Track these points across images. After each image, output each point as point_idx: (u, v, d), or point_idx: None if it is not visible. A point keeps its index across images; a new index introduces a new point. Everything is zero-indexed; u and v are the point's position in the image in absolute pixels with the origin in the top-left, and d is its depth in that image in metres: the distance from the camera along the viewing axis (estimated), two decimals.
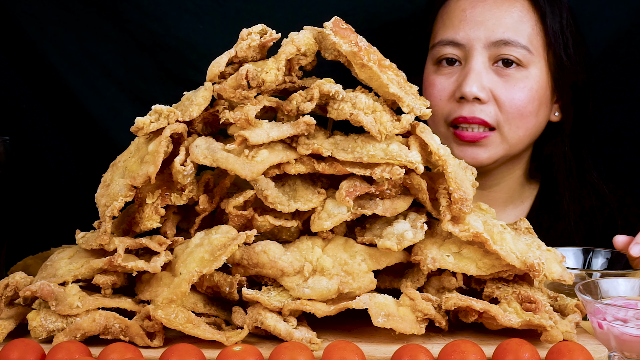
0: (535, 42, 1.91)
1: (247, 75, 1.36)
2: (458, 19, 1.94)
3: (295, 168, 1.36)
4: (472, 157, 1.94)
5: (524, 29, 1.91)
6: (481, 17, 1.91)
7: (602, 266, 1.66)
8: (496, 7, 1.92)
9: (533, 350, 1.25)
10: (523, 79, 1.91)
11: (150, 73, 2.10)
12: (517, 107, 1.91)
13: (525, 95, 1.91)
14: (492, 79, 1.90)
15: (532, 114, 1.93)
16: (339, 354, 1.23)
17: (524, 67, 1.91)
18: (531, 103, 1.92)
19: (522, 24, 1.91)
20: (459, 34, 1.92)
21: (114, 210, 1.33)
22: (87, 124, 2.11)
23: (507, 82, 1.90)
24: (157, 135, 1.36)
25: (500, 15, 1.91)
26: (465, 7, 1.94)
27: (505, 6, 1.92)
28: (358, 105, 1.36)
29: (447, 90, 1.94)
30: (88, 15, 2.07)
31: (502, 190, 2.06)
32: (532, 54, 1.90)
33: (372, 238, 1.37)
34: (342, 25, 1.38)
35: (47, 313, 1.31)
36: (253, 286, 1.37)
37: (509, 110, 1.90)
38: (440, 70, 1.95)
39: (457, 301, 1.33)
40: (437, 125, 1.97)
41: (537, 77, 1.92)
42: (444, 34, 1.95)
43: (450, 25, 1.95)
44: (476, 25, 1.91)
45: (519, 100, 1.91)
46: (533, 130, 1.96)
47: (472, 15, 1.92)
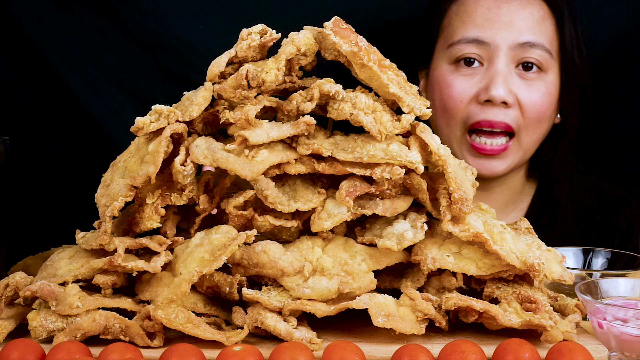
0: (554, 46, 1.91)
1: (247, 75, 1.36)
2: (482, 18, 1.90)
3: (295, 168, 1.36)
4: (489, 169, 1.92)
5: (546, 32, 1.90)
6: (508, 18, 1.89)
7: (602, 266, 1.66)
8: (522, 9, 1.90)
9: (533, 350, 1.25)
10: (542, 82, 1.90)
11: (150, 73, 2.10)
12: (537, 111, 1.90)
13: (545, 100, 1.90)
14: (515, 81, 1.89)
15: (549, 118, 1.94)
16: (339, 354, 1.23)
17: (543, 71, 1.90)
18: (549, 108, 1.92)
19: (544, 27, 1.90)
20: (485, 32, 1.89)
21: (114, 210, 1.33)
22: (87, 124, 2.11)
23: (530, 86, 1.89)
24: (157, 135, 1.36)
25: (526, 16, 1.90)
26: (489, 6, 1.91)
27: (530, 8, 1.91)
28: (358, 105, 1.36)
29: (468, 92, 1.90)
30: (88, 15, 2.07)
31: (503, 192, 2.05)
32: (552, 58, 1.90)
33: (372, 238, 1.37)
34: (342, 25, 1.38)
35: (47, 313, 1.31)
36: (253, 286, 1.37)
37: (530, 115, 1.89)
38: (459, 71, 1.92)
39: (457, 301, 1.33)
40: (453, 127, 1.94)
41: (554, 82, 1.92)
42: (465, 32, 1.91)
43: (472, 24, 1.91)
44: (503, 25, 1.88)
45: (540, 105, 1.90)
46: (544, 134, 1.96)
47: (498, 15, 1.89)
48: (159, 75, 2.10)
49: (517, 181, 2.06)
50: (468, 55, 1.90)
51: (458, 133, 1.93)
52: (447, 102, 1.93)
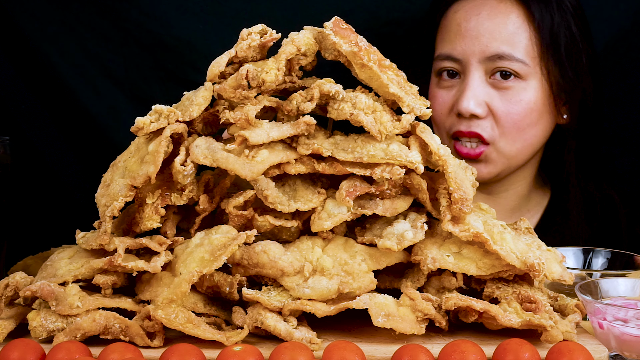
0: (532, 52, 1.89)
1: (247, 75, 1.36)
2: (454, 33, 1.93)
3: (295, 168, 1.36)
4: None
5: (520, 40, 1.89)
6: (475, 31, 1.90)
7: (602, 266, 1.66)
8: (490, 20, 1.90)
9: (533, 350, 1.25)
10: (521, 91, 1.89)
11: (150, 73, 2.10)
12: (513, 121, 1.89)
13: (522, 109, 1.89)
14: (489, 92, 1.89)
15: (529, 126, 1.92)
16: (339, 354, 1.23)
17: (522, 79, 1.89)
18: (528, 116, 1.90)
19: (517, 35, 1.89)
20: (456, 49, 1.91)
21: (114, 210, 1.33)
22: (87, 124, 2.11)
23: (504, 95, 1.89)
24: (157, 135, 1.36)
25: (494, 28, 1.89)
26: (460, 21, 1.92)
27: (500, 18, 1.90)
28: (358, 105, 1.36)
29: (447, 104, 1.94)
30: (88, 15, 2.07)
31: (510, 197, 2.05)
32: (528, 66, 1.88)
33: (372, 238, 1.37)
34: (342, 25, 1.38)
35: (47, 313, 1.31)
36: (253, 286, 1.37)
37: (504, 125, 1.89)
38: (441, 83, 1.96)
39: (457, 301, 1.33)
40: (442, 136, 1.97)
41: (536, 88, 1.90)
42: (442, 48, 1.95)
43: (448, 40, 1.94)
44: (471, 40, 1.89)
45: (516, 114, 1.89)
46: (533, 140, 1.94)
47: (466, 30, 1.91)
48: (159, 75, 2.10)
49: (524, 187, 2.05)
50: (446, 68, 1.94)
51: (445, 141, 1.97)
52: (433, 113, 1.97)
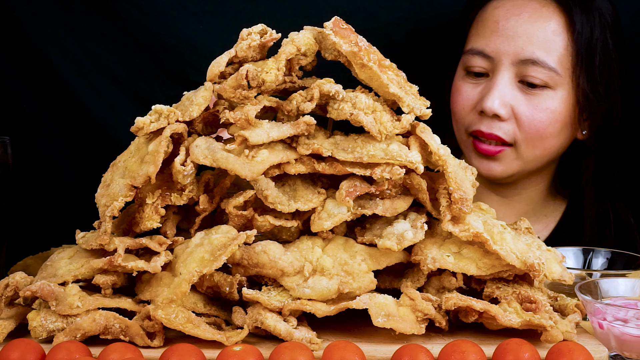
0: (565, 62, 1.87)
1: (247, 75, 1.36)
2: (490, 30, 1.90)
3: (295, 168, 1.36)
4: (486, 169, 1.92)
5: (555, 48, 1.87)
6: (513, 32, 1.87)
7: (602, 266, 1.66)
8: (530, 23, 1.88)
9: (533, 350, 1.25)
10: (548, 99, 1.87)
11: (150, 73, 2.10)
12: (537, 128, 1.88)
13: (547, 117, 1.88)
14: (516, 95, 1.87)
15: (552, 135, 1.90)
16: (339, 354, 1.23)
17: (550, 88, 1.87)
18: (553, 125, 1.89)
19: (553, 43, 1.87)
20: (489, 45, 1.89)
21: (114, 210, 1.33)
22: (87, 124, 2.11)
23: (531, 101, 1.87)
24: (157, 135, 1.36)
25: (533, 31, 1.87)
26: (499, 18, 1.90)
27: (540, 22, 1.88)
28: (358, 105, 1.36)
29: (471, 100, 1.92)
30: (88, 15, 2.07)
31: (523, 201, 2.04)
32: (560, 75, 1.86)
33: (372, 238, 1.37)
34: (342, 25, 1.38)
35: (47, 313, 1.31)
36: (253, 286, 1.37)
37: (528, 130, 1.88)
38: (468, 79, 1.94)
39: (457, 301, 1.33)
40: (459, 131, 1.97)
41: (564, 99, 1.88)
42: (475, 42, 1.92)
43: (482, 35, 1.92)
44: (507, 40, 1.87)
45: (540, 121, 1.87)
46: (552, 150, 1.93)
47: (504, 28, 1.88)
48: (159, 75, 2.10)
49: (537, 193, 2.05)
50: (475, 66, 1.91)
51: (463, 136, 1.96)
52: (453, 106, 1.97)
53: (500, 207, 2.04)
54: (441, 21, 2.14)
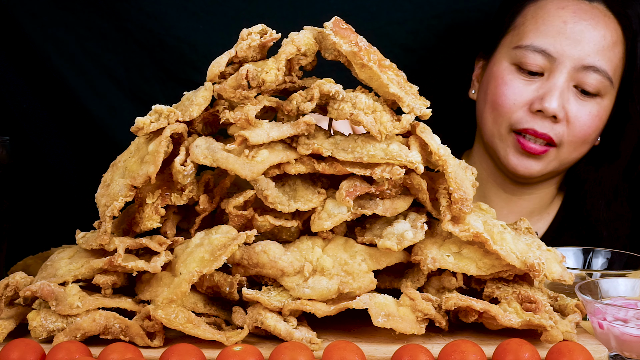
0: (617, 73, 1.91)
1: (247, 75, 1.36)
2: (556, 30, 1.90)
3: (296, 168, 1.36)
4: (525, 167, 1.93)
5: (613, 59, 1.89)
6: (580, 36, 1.88)
7: (602, 266, 1.66)
8: (596, 30, 1.89)
9: (533, 350, 1.25)
10: (596, 106, 1.90)
11: (150, 73, 2.10)
12: (584, 132, 1.90)
13: (594, 123, 1.91)
14: (570, 99, 1.89)
15: (593, 140, 1.95)
16: (339, 354, 1.23)
17: (599, 96, 1.90)
18: (596, 131, 1.93)
19: (612, 53, 1.89)
20: (555, 46, 1.89)
21: (114, 210, 1.33)
22: (87, 124, 2.11)
23: (583, 106, 1.89)
24: (157, 135, 1.36)
25: (599, 39, 1.88)
26: (567, 19, 1.90)
27: (603, 31, 1.89)
28: (358, 105, 1.36)
29: (523, 97, 1.91)
30: (88, 15, 2.07)
31: (532, 201, 2.05)
32: (612, 85, 1.90)
33: (372, 238, 1.37)
34: (342, 25, 1.38)
35: (47, 313, 1.31)
36: (253, 286, 1.37)
37: (576, 134, 1.90)
38: (520, 74, 1.92)
39: (457, 301, 1.33)
40: (499, 126, 1.94)
41: (608, 108, 1.92)
42: (535, 38, 1.91)
43: (545, 33, 1.90)
44: (573, 43, 1.88)
45: (588, 127, 1.90)
46: (585, 153, 1.97)
47: (572, 31, 1.88)
48: (159, 75, 2.10)
49: (547, 193, 2.06)
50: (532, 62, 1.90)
51: (503, 131, 1.94)
52: (499, 99, 1.93)
53: (507, 204, 2.04)
54: (441, 21, 2.14)
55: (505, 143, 1.94)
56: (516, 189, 2.03)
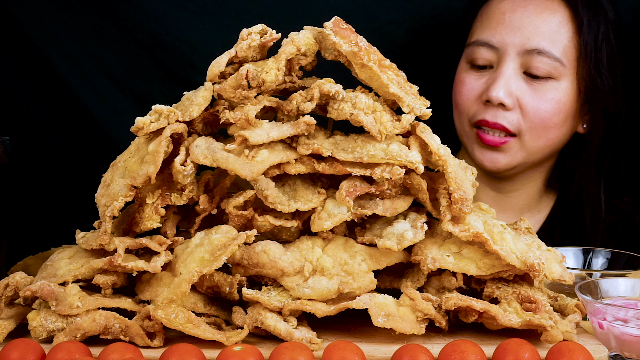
0: (570, 54, 1.90)
1: (247, 75, 1.36)
2: (496, 21, 1.93)
3: (295, 168, 1.36)
4: (490, 160, 1.94)
5: (560, 40, 1.89)
6: (519, 23, 1.90)
7: (602, 266, 1.66)
8: (536, 15, 1.91)
9: (533, 350, 1.25)
10: (552, 90, 1.90)
11: (150, 73, 2.10)
12: (541, 117, 1.90)
13: (552, 107, 1.90)
14: (521, 86, 1.89)
15: (556, 125, 1.92)
16: (339, 354, 1.23)
17: (554, 79, 1.89)
18: (557, 115, 1.91)
19: (558, 34, 1.89)
20: (495, 37, 1.91)
21: (114, 210, 1.33)
22: (87, 124, 2.11)
23: (536, 91, 1.89)
24: (157, 135, 1.36)
25: (539, 23, 1.90)
26: (505, 10, 1.93)
27: (546, 14, 1.91)
28: (358, 105, 1.36)
29: (475, 91, 1.94)
30: (88, 15, 2.07)
31: (520, 197, 2.05)
32: (564, 66, 1.89)
33: (372, 238, 1.37)
34: (342, 25, 1.38)
35: (47, 313, 1.31)
36: (253, 286, 1.37)
37: (532, 120, 1.90)
38: (472, 70, 1.95)
39: (457, 301, 1.33)
40: (462, 123, 1.98)
41: (567, 90, 1.91)
42: (481, 34, 1.95)
43: (488, 27, 1.94)
44: (513, 31, 1.90)
45: (545, 111, 1.90)
46: (555, 141, 1.95)
47: (510, 20, 1.91)
48: (159, 75, 2.10)
49: (534, 188, 2.06)
50: (479, 56, 1.93)
51: (466, 127, 1.97)
52: (457, 97, 1.98)
53: (496, 202, 2.05)
54: (441, 21, 2.14)
55: (470, 139, 1.97)
56: (501, 186, 2.04)
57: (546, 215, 2.08)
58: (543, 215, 2.09)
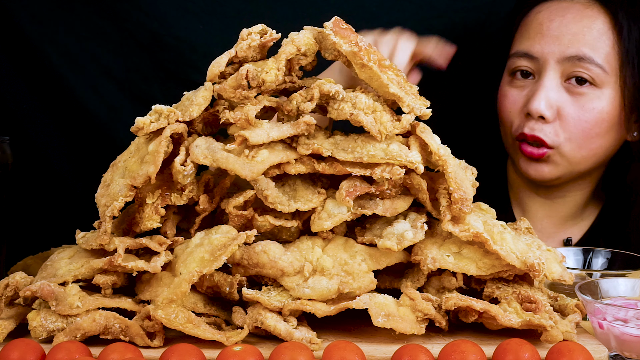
0: (612, 61, 1.87)
1: (247, 75, 1.36)
2: (535, 31, 1.91)
3: (296, 168, 1.36)
4: (535, 171, 1.93)
5: (602, 47, 1.87)
6: (558, 32, 1.88)
7: (602, 266, 1.66)
8: (574, 23, 1.89)
9: (533, 350, 1.25)
10: (595, 99, 1.87)
11: (150, 73, 2.10)
12: (582, 128, 1.88)
13: (593, 117, 1.87)
14: (562, 96, 1.88)
15: (598, 135, 1.90)
16: (339, 354, 1.23)
17: (597, 87, 1.87)
18: (599, 125, 1.89)
19: (599, 41, 1.87)
20: (535, 47, 1.90)
21: (114, 210, 1.33)
22: (87, 124, 2.11)
23: (578, 101, 1.87)
24: (157, 135, 1.36)
25: (578, 31, 1.88)
26: (543, 20, 1.91)
27: (585, 22, 1.89)
28: (358, 105, 1.36)
29: (518, 104, 1.92)
30: (88, 15, 2.07)
31: (566, 205, 2.04)
32: (607, 73, 1.87)
33: (372, 238, 1.37)
34: (342, 25, 1.39)
35: (47, 313, 1.31)
36: (253, 286, 1.37)
37: (573, 130, 1.88)
38: (514, 83, 1.94)
39: (457, 301, 1.33)
40: (506, 136, 1.97)
41: (610, 99, 1.88)
42: (520, 45, 1.93)
43: (527, 37, 1.92)
44: (552, 40, 1.88)
45: (586, 121, 1.87)
46: (599, 151, 1.92)
47: (549, 29, 1.89)
48: (159, 75, 2.10)
49: (581, 196, 2.03)
50: (520, 67, 1.92)
51: (510, 140, 1.96)
52: (501, 112, 1.98)
53: (542, 207, 2.03)
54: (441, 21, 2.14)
55: (515, 152, 1.96)
56: (548, 193, 2.02)
57: (590, 224, 2.06)
58: (587, 223, 2.06)
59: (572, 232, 2.04)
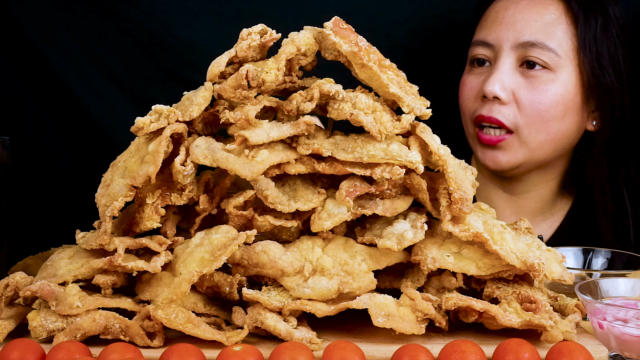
0: (565, 46, 1.90)
1: (247, 75, 1.36)
2: (492, 20, 1.96)
3: (296, 168, 1.36)
4: (491, 159, 1.94)
5: (554, 32, 1.90)
6: (512, 19, 1.93)
7: (602, 266, 1.66)
8: (528, 9, 1.93)
9: (533, 350, 1.25)
10: (549, 82, 1.90)
11: (150, 73, 2.10)
12: (537, 110, 1.90)
13: (548, 99, 1.90)
14: (517, 80, 1.91)
15: (554, 118, 1.91)
16: (339, 354, 1.23)
17: (551, 70, 1.90)
18: (554, 107, 1.90)
19: (552, 27, 1.91)
20: (491, 35, 1.94)
21: (114, 210, 1.33)
22: (87, 124, 2.11)
23: (531, 84, 1.90)
24: (157, 135, 1.36)
25: (531, 17, 1.92)
26: (499, 9, 1.96)
27: (538, 8, 1.93)
28: (358, 105, 1.36)
29: (475, 90, 1.96)
30: (88, 15, 2.07)
31: (533, 199, 2.04)
32: (560, 57, 1.90)
33: (372, 238, 1.37)
34: (342, 25, 1.39)
35: (47, 313, 1.31)
36: (253, 286, 1.37)
37: (529, 113, 1.90)
38: (472, 71, 1.98)
39: (457, 301, 1.33)
40: (467, 124, 1.99)
41: (565, 82, 1.90)
42: (478, 34, 1.98)
43: (485, 27, 1.97)
44: (506, 27, 1.93)
45: (540, 103, 1.90)
46: (557, 135, 1.93)
47: (504, 17, 1.94)
48: (159, 75, 2.10)
49: (547, 190, 2.04)
50: (478, 55, 1.97)
51: (470, 129, 1.98)
52: (460, 101, 2.01)
53: (509, 204, 2.04)
54: (441, 21, 2.15)
55: (474, 140, 1.98)
56: (512, 188, 2.03)
57: (561, 220, 2.06)
58: (558, 219, 2.07)
59: (542, 228, 2.05)
